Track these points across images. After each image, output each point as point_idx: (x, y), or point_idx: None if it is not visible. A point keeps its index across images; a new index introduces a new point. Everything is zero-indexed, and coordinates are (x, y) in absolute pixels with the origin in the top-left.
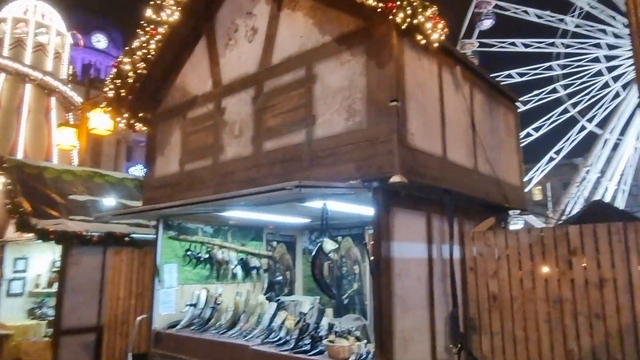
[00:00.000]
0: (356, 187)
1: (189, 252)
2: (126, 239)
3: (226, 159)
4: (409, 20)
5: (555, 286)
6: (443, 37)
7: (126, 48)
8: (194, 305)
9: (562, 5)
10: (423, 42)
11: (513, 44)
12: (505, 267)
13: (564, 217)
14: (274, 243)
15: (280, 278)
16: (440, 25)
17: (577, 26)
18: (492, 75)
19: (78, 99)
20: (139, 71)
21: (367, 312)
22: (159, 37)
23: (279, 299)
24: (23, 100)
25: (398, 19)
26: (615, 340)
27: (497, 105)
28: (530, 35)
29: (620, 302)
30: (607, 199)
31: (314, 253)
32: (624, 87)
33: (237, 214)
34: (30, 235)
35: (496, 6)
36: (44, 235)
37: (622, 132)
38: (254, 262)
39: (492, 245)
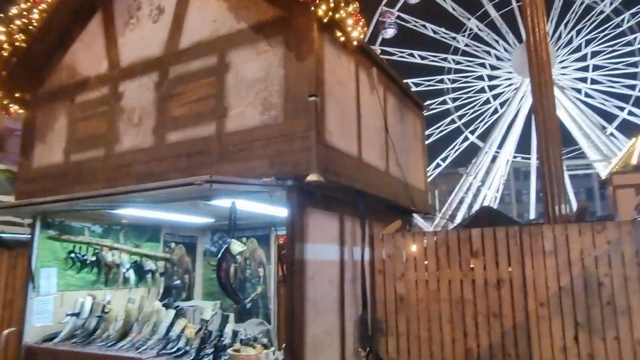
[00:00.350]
0: (270, 184)
1: (72, 255)
2: None
3: (122, 150)
4: (330, 14)
5: (458, 287)
6: (362, 36)
7: (0, 15)
8: (77, 314)
9: (456, 24)
10: (343, 38)
11: (412, 54)
12: (412, 269)
13: (456, 222)
14: (173, 244)
15: (178, 282)
16: (360, 23)
17: (466, 45)
18: None
19: None
20: (17, 43)
21: (271, 317)
22: (43, 5)
23: (178, 306)
24: None
25: (320, 12)
26: (510, 337)
27: (407, 110)
28: (427, 48)
29: (515, 301)
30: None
31: (220, 255)
32: (502, 104)
33: (132, 211)
34: None
35: (398, 17)
36: None
37: (500, 146)
38: (150, 265)
39: (401, 247)
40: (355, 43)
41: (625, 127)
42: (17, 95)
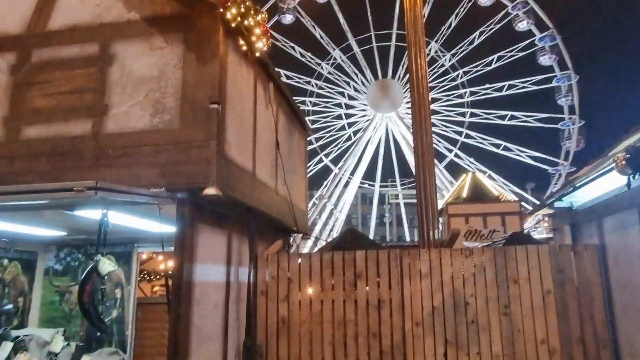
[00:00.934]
0: (161, 196)
1: None
2: None
3: None
4: (239, 19)
5: (341, 308)
6: (265, 48)
7: None
8: None
9: (323, 52)
10: (245, 47)
11: (278, 72)
12: (296, 290)
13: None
14: (5, 261)
15: (9, 306)
16: (266, 35)
17: (329, 73)
18: None
19: None
20: None
21: (127, 344)
22: None
23: (18, 337)
24: None
25: (229, 15)
26: (388, 356)
27: (294, 129)
28: (294, 69)
29: (394, 321)
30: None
31: (84, 275)
32: (355, 133)
33: None
34: None
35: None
36: None
37: (352, 172)
38: None
39: (285, 268)
40: (258, 54)
41: (452, 166)
42: None
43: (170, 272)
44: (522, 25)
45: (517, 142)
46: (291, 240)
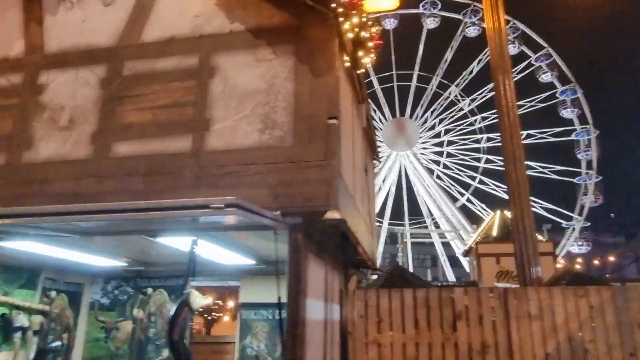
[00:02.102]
0: (279, 220)
1: None
2: None
3: (37, 160)
4: (357, 30)
5: (440, 353)
6: (371, 65)
7: None
8: None
9: None
10: (350, 62)
11: None
12: (386, 331)
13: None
14: (53, 293)
15: (57, 344)
16: (377, 49)
17: None
18: None
19: None
20: None
21: None
22: None
23: None
24: None
25: (347, 25)
26: None
27: (369, 156)
28: None
29: None
30: None
31: (175, 309)
32: None
33: (25, 246)
34: None
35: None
36: None
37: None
38: (21, 320)
39: (374, 306)
40: (362, 70)
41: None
42: None
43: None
44: (546, 77)
45: (531, 192)
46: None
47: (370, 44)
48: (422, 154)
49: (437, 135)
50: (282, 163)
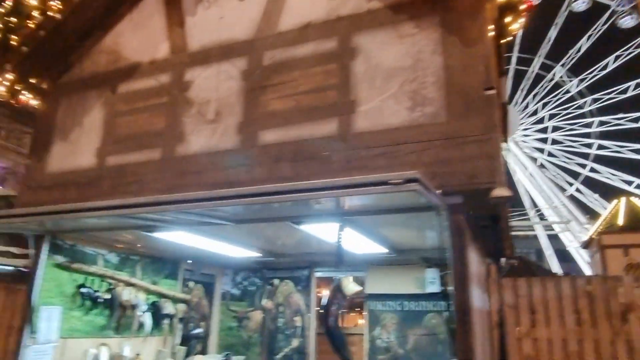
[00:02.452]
0: (441, 201)
1: (83, 290)
2: None
3: (188, 152)
4: None
5: (608, 352)
6: (520, 31)
7: None
8: None
9: None
10: (498, 29)
11: None
12: (542, 324)
13: None
14: (191, 283)
15: (199, 331)
16: (529, 12)
17: None
18: None
19: None
20: (49, 12)
21: None
22: None
23: None
24: None
25: None
26: None
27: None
28: None
29: None
30: None
31: (327, 297)
32: None
33: (176, 236)
34: None
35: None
36: None
37: None
38: (168, 307)
39: (525, 296)
40: (511, 36)
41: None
42: (32, 81)
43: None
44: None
45: None
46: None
47: (522, 6)
48: (523, 141)
49: (540, 120)
50: (437, 140)
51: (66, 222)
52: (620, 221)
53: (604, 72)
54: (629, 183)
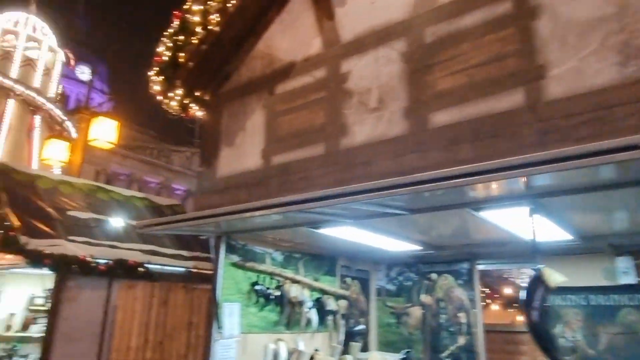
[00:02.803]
0: None
1: (257, 287)
2: (140, 269)
3: (353, 144)
4: None
5: None
6: None
7: None
8: None
9: None
10: None
11: None
12: None
13: None
14: (348, 279)
15: (362, 327)
16: None
17: None
18: None
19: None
20: (209, 27)
21: None
22: None
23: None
24: (4, 117)
25: None
26: None
27: None
28: None
29: None
30: None
31: (528, 288)
32: None
33: (345, 233)
34: (10, 258)
35: None
36: (35, 259)
37: None
38: (331, 304)
39: None
40: None
41: None
42: (196, 94)
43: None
44: None
45: None
46: None
47: None
48: None
49: None
50: None
51: (238, 223)
52: None
53: None
54: None
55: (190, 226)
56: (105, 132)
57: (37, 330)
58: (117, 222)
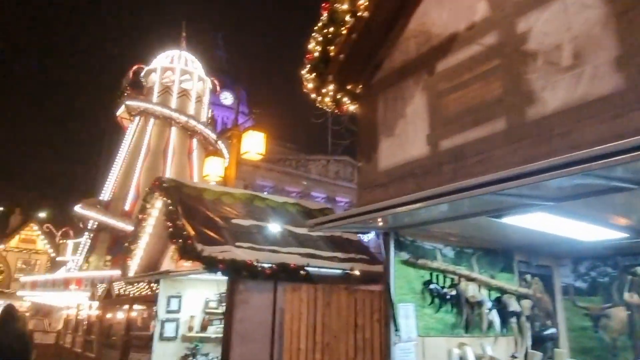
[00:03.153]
0: None
1: (431, 286)
2: (301, 272)
3: (545, 113)
4: None
5: None
6: None
7: None
8: None
9: None
10: None
11: None
12: None
13: None
14: (528, 276)
15: (552, 331)
16: None
17: None
18: None
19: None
20: (359, 13)
21: None
22: None
23: None
24: (169, 143)
25: None
26: None
27: None
28: None
29: None
30: None
31: None
32: None
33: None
34: (189, 265)
35: None
36: (210, 265)
37: None
38: (513, 304)
39: None
40: None
41: None
42: (348, 87)
43: None
44: None
45: None
46: None
47: None
48: None
49: None
50: None
51: (406, 216)
52: None
53: None
54: None
55: (359, 222)
56: (254, 144)
57: (213, 331)
58: (275, 227)
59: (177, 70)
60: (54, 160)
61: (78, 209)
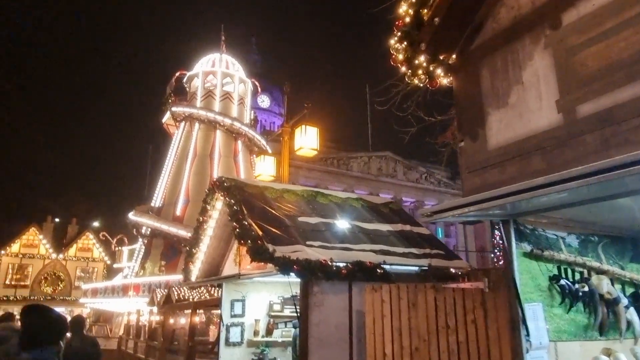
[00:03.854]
0: None
1: (561, 282)
2: (378, 270)
3: None
4: None
5: None
6: None
7: None
8: None
9: None
10: None
11: None
12: None
13: None
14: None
15: None
16: None
17: None
18: None
19: (262, 141)
20: None
21: None
22: None
23: None
24: (215, 146)
25: None
26: None
27: None
28: None
29: None
30: None
31: None
32: None
33: None
34: (250, 268)
35: None
36: (284, 266)
37: None
38: None
39: None
40: None
41: None
42: (441, 57)
43: None
44: None
45: None
46: None
47: None
48: None
49: None
50: None
51: (534, 200)
52: None
53: None
54: None
55: (481, 209)
56: (308, 140)
57: (278, 335)
58: (343, 224)
59: (219, 74)
60: (105, 171)
61: (131, 216)
